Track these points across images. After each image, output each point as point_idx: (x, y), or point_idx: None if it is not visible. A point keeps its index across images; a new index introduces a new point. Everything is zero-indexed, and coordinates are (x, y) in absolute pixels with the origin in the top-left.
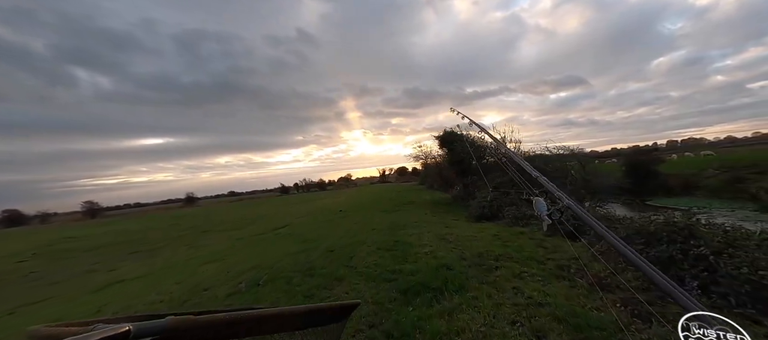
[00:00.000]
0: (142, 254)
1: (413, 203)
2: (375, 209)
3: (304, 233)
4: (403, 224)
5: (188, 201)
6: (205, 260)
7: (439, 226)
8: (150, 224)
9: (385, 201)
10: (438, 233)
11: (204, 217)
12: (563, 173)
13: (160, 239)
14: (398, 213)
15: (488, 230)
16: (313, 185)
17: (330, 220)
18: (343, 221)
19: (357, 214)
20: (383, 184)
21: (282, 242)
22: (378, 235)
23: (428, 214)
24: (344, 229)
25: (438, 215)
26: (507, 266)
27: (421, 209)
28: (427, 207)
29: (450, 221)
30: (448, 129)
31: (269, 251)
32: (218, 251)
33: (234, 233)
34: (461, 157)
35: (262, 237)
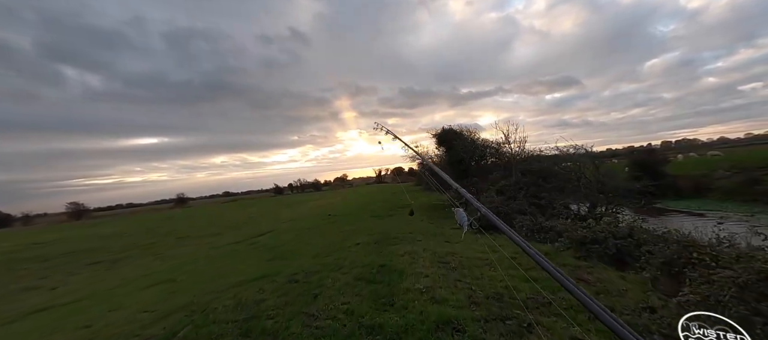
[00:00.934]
0: (103, 265)
1: (409, 207)
2: (366, 213)
3: (280, 245)
4: (395, 235)
5: (179, 202)
6: (153, 282)
7: (437, 240)
8: (130, 227)
9: (379, 204)
10: (436, 253)
11: (188, 220)
12: (576, 174)
13: (131, 247)
14: (391, 219)
15: (501, 247)
16: (308, 185)
17: (315, 226)
18: (329, 228)
19: (346, 219)
20: (379, 184)
21: (251, 257)
22: (362, 252)
23: (424, 220)
24: (326, 241)
25: (435, 221)
26: (548, 323)
27: (417, 214)
28: (423, 211)
29: (449, 233)
30: (447, 126)
31: (227, 273)
32: (178, 266)
33: (211, 241)
34: (461, 156)
35: (235, 248)
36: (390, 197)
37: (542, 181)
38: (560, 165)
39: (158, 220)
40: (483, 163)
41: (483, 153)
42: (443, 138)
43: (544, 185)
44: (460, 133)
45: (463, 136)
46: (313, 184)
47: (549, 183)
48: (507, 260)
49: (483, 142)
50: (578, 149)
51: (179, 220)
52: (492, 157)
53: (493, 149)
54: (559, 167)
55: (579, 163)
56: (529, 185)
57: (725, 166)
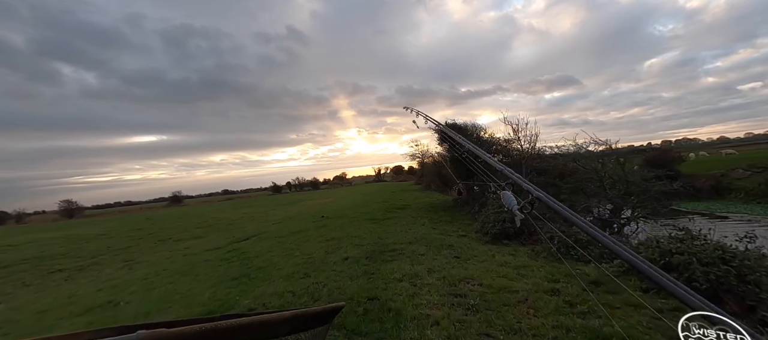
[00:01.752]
0: (63, 274)
1: (408, 208)
2: (362, 215)
3: (257, 256)
4: (392, 246)
5: (173, 200)
6: (93, 304)
7: (445, 255)
8: (115, 227)
9: (377, 204)
10: (447, 278)
11: (177, 220)
12: (597, 174)
13: (104, 251)
14: (389, 223)
15: (529, 267)
16: (307, 183)
17: (303, 231)
18: (318, 233)
19: (339, 221)
20: (379, 183)
21: (217, 273)
22: (348, 274)
23: (427, 225)
24: (308, 252)
25: (439, 226)
26: None
27: (418, 217)
28: (424, 214)
29: (458, 242)
30: (451, 121)
31: (177, 298)
32: (138, 279)
33: (189, 245)
34: (466, 155)
35: (207, 258)
36: (388, 196)
37: (559, 180)
38: (579, 163)
39: (146, 220)
40: None
41: (489, 150)
42: (445, 135)
43: (561, 185)
44: (465, 128)
45: (467, 132)
46: (311, 182)
47: (566, 183)
48: (550, 289)
49: (489, 138)
50: (601, 144)
51: (168, 220)
52: (499, 154)
53: (500, 146)
54: (578, 164)
55: (601, 161)
56: (545, 186)
57: (743, 166)
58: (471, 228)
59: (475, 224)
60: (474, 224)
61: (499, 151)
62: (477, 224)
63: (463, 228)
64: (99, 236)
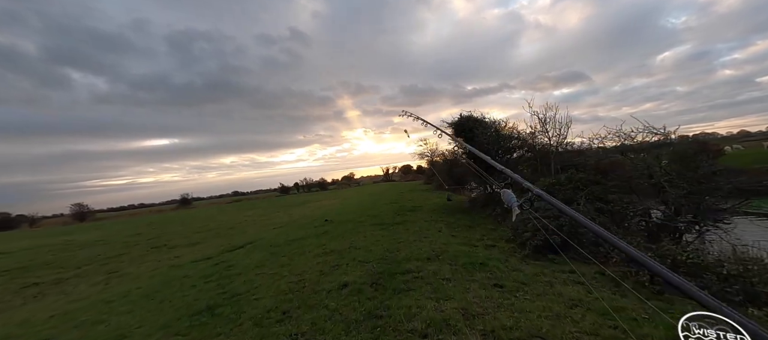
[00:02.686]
0: (35, 289)
1: (420, 209)
2: (369, 218)
3: (242, 272)
4: (406, 265)
5: (183, 202)
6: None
7: (480, 281)
8: (115, 232)
9: (385, 206)
10: (497, 331)
11: (179, 223)
12: (650, 170)
13: (93, 260)
14: (399, 229)
15: (623, 309)
16: (314, 184)
17: (301, 239)
18: (317, 242)
19: (343, 227)
20: (387, 182)
21: (189, 296)
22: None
23: (444, 231)
24: (299, 272)
25: (459, 232)
26: None
27: (431, 221)
28: (439, 217)
29: (490, 257)
30: (465, 113)
31: (127, 334)
32: (102, 301)
33: (181, 253)
34: (485, 148)
35: (190, 271)
36: (397, 197)
37: (602, 177)
38: (628, 156)
39: (149, 224)
40: (508, 158)
41: (509, 145)
42: (462, 127)
43: (605, 182)
44: (482, 120)
45: (485, 124)
46: (319, 183)
47: (611, 180)
48: None
49: (510, 131)
50: (655, 132)
51: (171, 223)
52: (521, 149)
53: (520, 140)
54: (627, 157)
55: (657, 154)
56: (586, 183)
57: None
58: (497, 235)
59: (502, 230)
60: (499, 229)
61: (519, 146)
62: (506, 229)
63: (488, 234)
64: (96, 243)
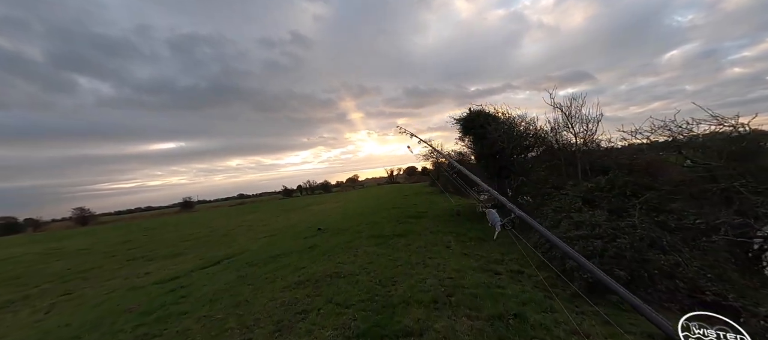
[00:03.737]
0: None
1: (425, 217)
2: (367, 227)
3: (186, 313)
4: (401, 317)
5: (185, 206)
6: None
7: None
8: (100, 240)
9: (387, 212)
10: None
11: (172, 229)
12: (711, 171)
13: (60, 275)
14: (400, 244)
15: None
16: (318, 186)
17: (283, 255)
18: (298, 262)
19: (333, 241)
20: (391, 185)
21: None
22: None
23: (453, 246)
24: (251, 319)
25: (473, 250)
26: None
27: (439, 232)
28: (446, 226)
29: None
30: (475, 107)
31: None
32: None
33: (152, 269)
34: (500, 146)
35: (140, 297)
36: (401, 201)
37: (653, 181)
38: (688, 153)
39: (144, 229)
40: (523, 158)
41: (527, 142)
42: (471, 124)
43: (658, 187)
44: (495, 115)
45: (498, 120)
46: (322, 185)
47: (663, 185)
48: None
49: (526, 127)
50: (725, 122)
51: (163, 230)
52: (538, 148)
53: (535, 138)
54: (680, 156)
55: (732, 152)
56: (635, 188)
57: None
58: (521, 255)
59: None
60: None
61: (534, 144)
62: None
63: (509, 251)
64: (79, 252)
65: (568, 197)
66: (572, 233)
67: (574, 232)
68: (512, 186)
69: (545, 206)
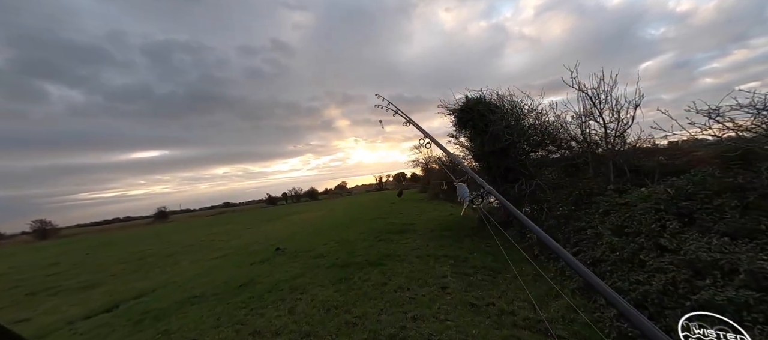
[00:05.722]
0: None
1: (412, 230)
2: (336, 249)
3: None
4: None
5: (159, 217)
6: None
7: None
8: (34, 261)
9: (369, 223)
10: None
11: (120, 247)
12: None
13: None
14: (371, 278)
15: None
16: (304, 194)
17: (203, 299)
18: (211, 312)
19: (287, 268)
20: (380, 192)
21: None
22: None
23: (453, 287)
24: None
25: (483, 289)
26: None
27: (429, 257)
28: (439, 246)
29: None
30: (473, 93)
31: None
32: None
33: (50, 307)
34: (507, 141)
35: None
36: (387, 209)
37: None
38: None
39: (89, 248)
40: (538, 156)
41: (539, 137)
42: (469, 114)
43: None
44: (499, 105)
45: (503, 110)
46: (309, 193)
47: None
48: None
49: (536, 117)
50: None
51: (111, 247)
52: (545, 146)
53: (544, 135)
54: None
55: None
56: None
57: None
58: (561, 301)
59: (562, 282)
60: (561, 281)
61: (545, 141)
62: (567, 281)
63: (547, 299)
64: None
65: (633, 210)
66: (681, 277)
67: (695, 279)
68: (524, 193)
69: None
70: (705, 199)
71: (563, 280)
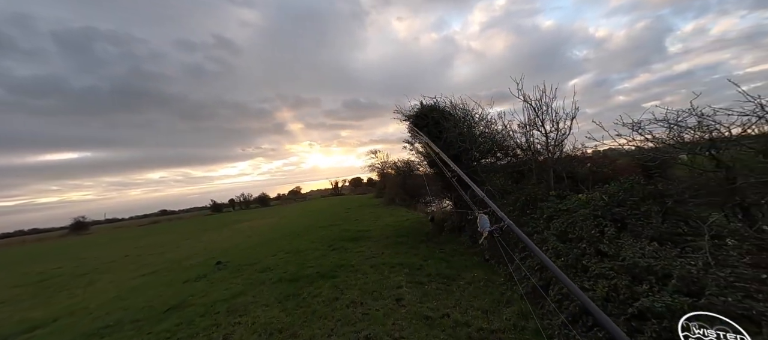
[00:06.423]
0: None
1: (368, 237)
2: (285, 260)
3: None
4: None
5: (76, 228)
6: None
7: None
8: None
9: (322, 231)
10: None
11: (22, 265)
12: None
13: None
14: (322, 293)
15: None
16: (254, 200)
17: (112, 331)
18: None
19: (228, 285)
20: (336, 196)
21: None
22: None
23: (408, 299)
24: None
25: (438, 305)
26: None
27: (384, 265)
28: (395, 253)
29: None
30: (428, 100)
31: None
32: None
33: None
34: (460, 148)
35: None
36: (342, 215)
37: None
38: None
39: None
40: (489, 163)
41: (488, 145)
42: (424, 121)
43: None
44: (452, 113)
45: (456, 118)
46: (259, 199)
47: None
48: None
49: (486, 126)
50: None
51: (18, 264)
52: (494, 154)
53: (492, 142)
54: (691, 156)
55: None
56: (654, 196)
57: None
58: (514, 304)
59: (510, 286)
60: (512, 288)
61: (493, 148)
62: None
63: (497, 307)
64: None
65: (574, 216)
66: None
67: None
68: (476, 199)
69: (525, 227)
70: (633, 205)
71: (513, 285)
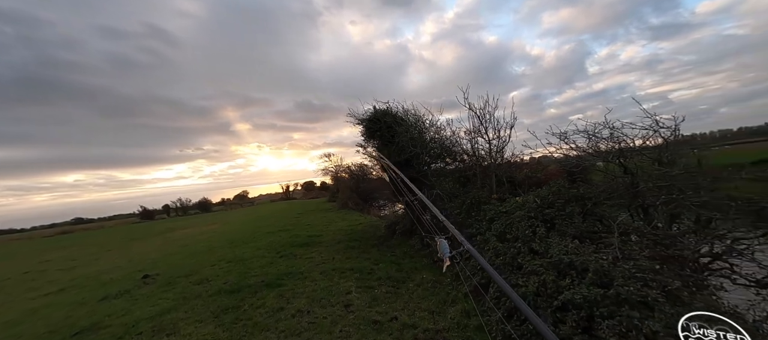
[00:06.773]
0: None
1: (319, 243)
2: (226, 269)
3: None
4: None
5: None
6: None
7: None
8: None
9: (271, 236)
10: None
11: None
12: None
13: None
14: (267, 303)
15: None
16: (193, 206)
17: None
18: None
19: (155, 301)
20: (287, 200)
21: None
22: None
23: (358, 304)
24: None
25: (386, 308)
26: None
27: (334, 270)
28: (346, 259)
29: None
30: (381, 105)
31: None
32: None
33: None
34: (411, 152)
35: None
36: (293, 220)
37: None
38: (621, 161)
39: None
40: (438, 167)
41: (438, 150)
42: (377, 125)
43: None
44: (404, 118)
45: (408, 123)
46: (200, 204)
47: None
48: None
49: (436, 132)
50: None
51: None
52: (443, 159)
53: (441, 148)
54: (608, 164)
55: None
56: (580, 199)
57: None
58: (457, 304)
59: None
60: (458, 289)
61: (443, 154)
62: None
63: (441, 308)
64: None
65: (511, 218)
66: (549, 278)
67: (559, 279)
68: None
69: (469, 228)
70: (560, 207)
71: (458, 284)
